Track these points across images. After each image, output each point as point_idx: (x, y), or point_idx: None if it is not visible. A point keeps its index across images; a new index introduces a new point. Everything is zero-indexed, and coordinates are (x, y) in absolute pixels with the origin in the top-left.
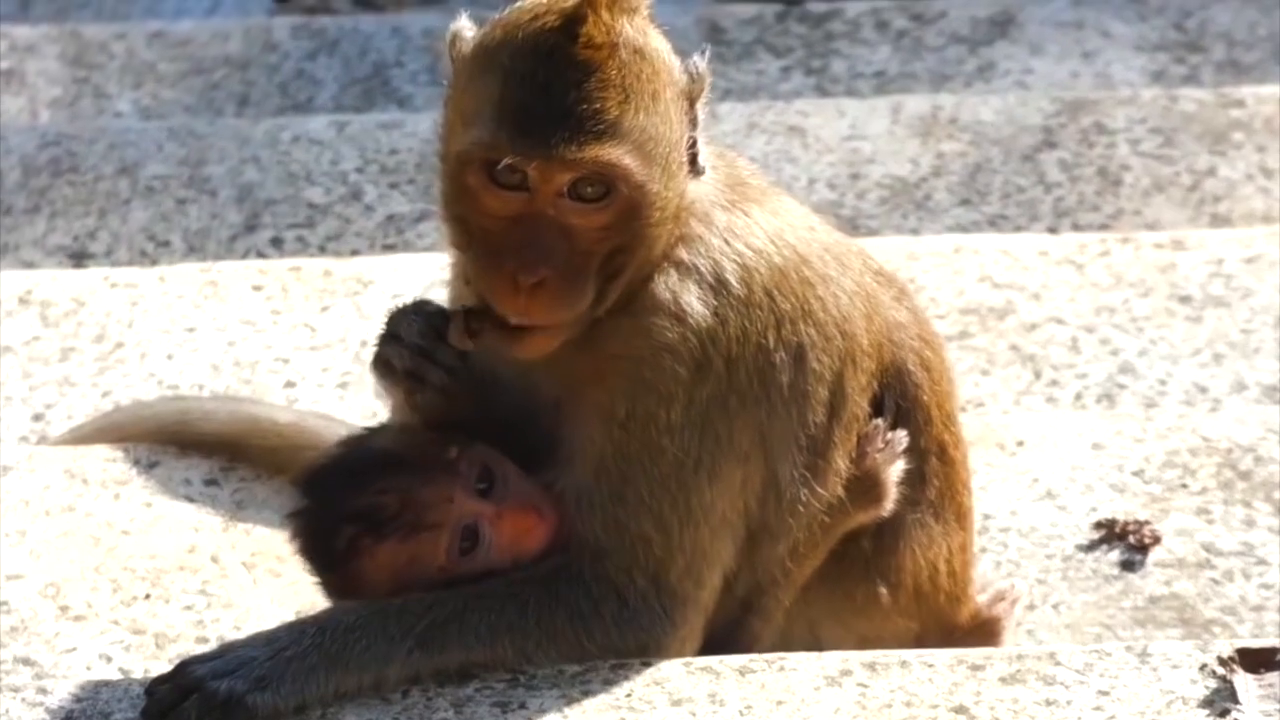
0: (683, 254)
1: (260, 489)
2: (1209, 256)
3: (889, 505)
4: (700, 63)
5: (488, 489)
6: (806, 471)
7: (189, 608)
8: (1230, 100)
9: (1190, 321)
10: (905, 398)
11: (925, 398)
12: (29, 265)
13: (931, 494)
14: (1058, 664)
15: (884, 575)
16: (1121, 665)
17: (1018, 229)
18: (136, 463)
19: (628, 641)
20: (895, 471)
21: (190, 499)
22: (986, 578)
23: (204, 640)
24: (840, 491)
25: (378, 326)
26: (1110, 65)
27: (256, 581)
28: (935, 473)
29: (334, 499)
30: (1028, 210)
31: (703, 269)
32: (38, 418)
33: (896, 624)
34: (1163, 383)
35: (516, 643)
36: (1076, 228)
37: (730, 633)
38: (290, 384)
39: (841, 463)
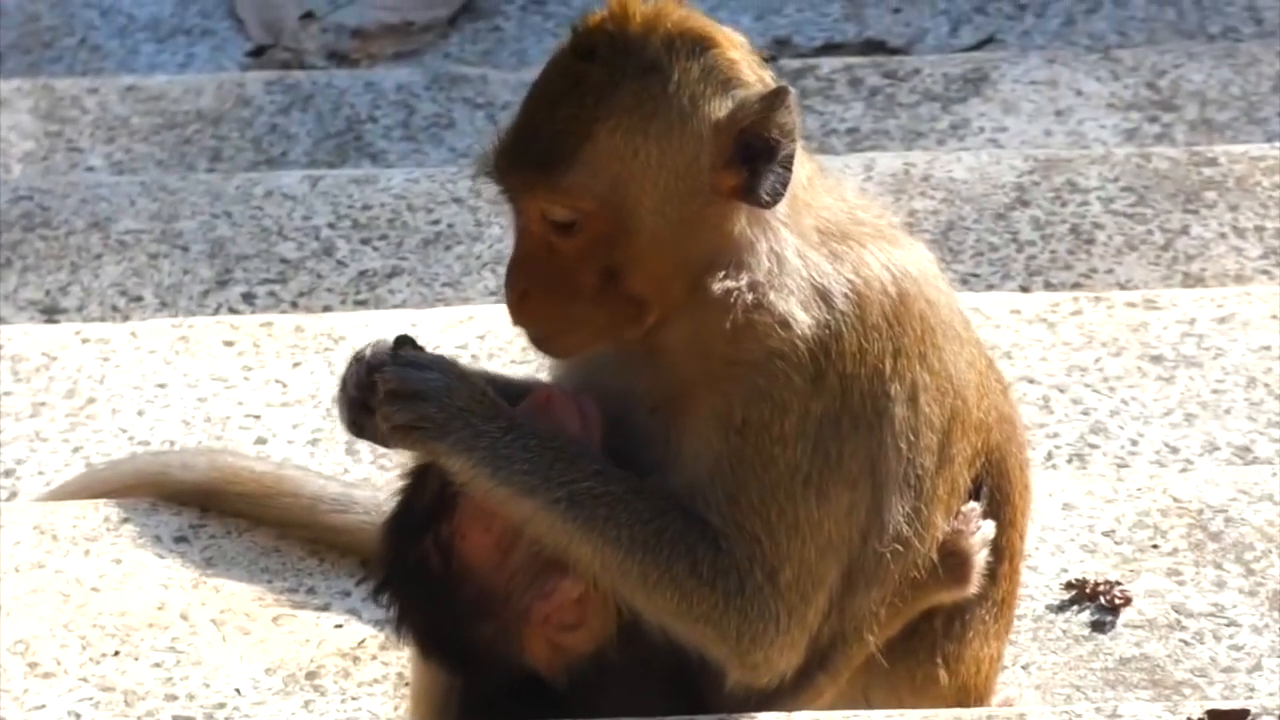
0: (766, 273)
1: (230, 546)
2: (1181, 316)
3: (972, 589)
4: (751, 96)
5: None
6: (911, 513)
7: (158, 665)
8: (1203, 159)
9: (1162, 381)
10: (999, 491)
11: (1015, 500)
12: (0, 320)
13: (998, 595)
14: None
15: (946, 661)
16: None
17: (990, 287)
18: (106, 519)
19: (730, 622)
20: (982, 558)
21: (160, 555)
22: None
23: (173, 698)
24: (934, 554)
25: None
26: (1083, 123)
27: (226, 639)
28: (1005, 576)
29: (401, 532)
30: (1000, 268)
31: (798, 285)
32: (8, 474)
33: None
34: (1134, 443)
35: (645, 565)
36: (1049, 286)
37: (796, 682)
38: (261, 440)
39: (941, 521)
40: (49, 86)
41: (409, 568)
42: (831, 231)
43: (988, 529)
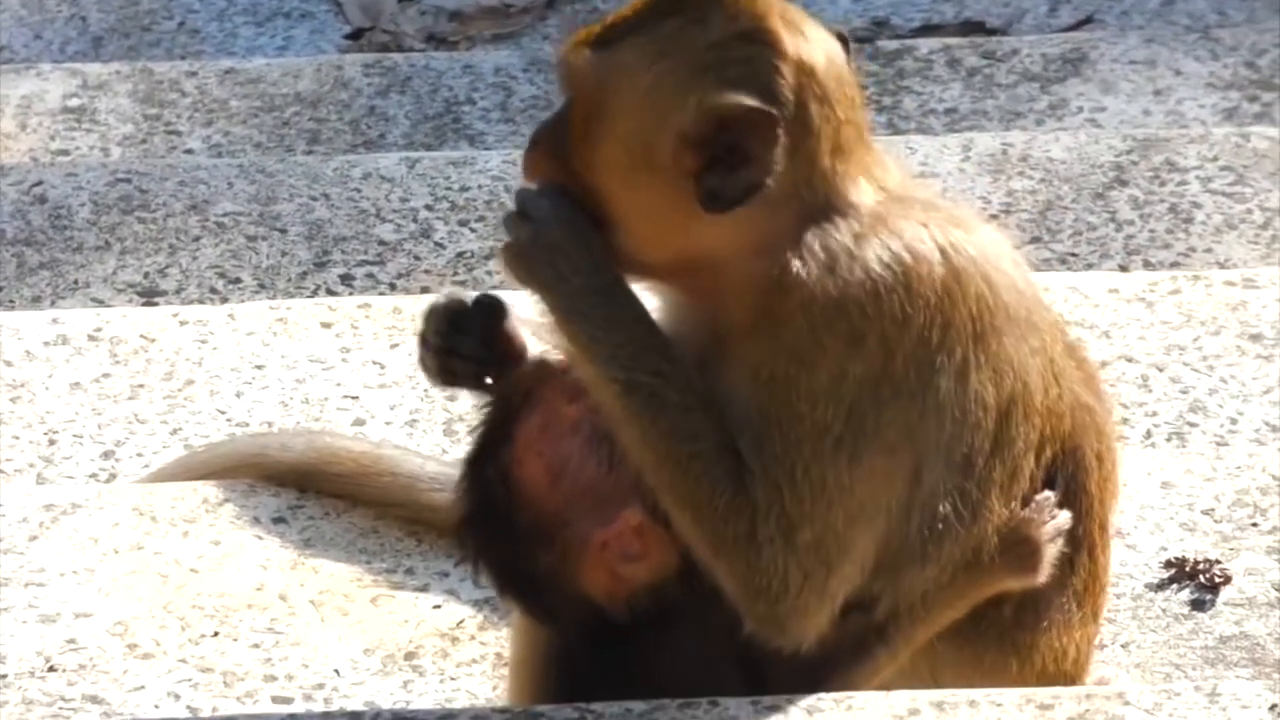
0: (791, 239)
1: (328, 527)
2: None
3: (1042, 577)
4: (744, 102)
5: None
6: (955, 493)
7: (256, 645)
8: None
9: (1261, 360)
10: (1074, 481)
11: (1092, 490)
12: (99, 302)
13: (1078, 584)
14: (1127, 703)
15: (1017, 649)
16: (1191, 705)
17: (1089, 267)
18: (205, 500)
19: (738, 566)
20: (1053, 548)
21: (258, 537)
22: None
23: (272, 679)
24: (993, 538)
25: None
26: (1182, 103)
27: (324, 619)
28: (1083, 565)
29: (471, 465)
30: (1099, 248)
31: (827, 249)
32: (107, 455)
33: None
34: (1233, 421)
35: (674, 478)
36: (1147, 265)
37: (854, 653)
38: (359, 421)
39: (998, 505)
40: (148, 70)
41: (477, 499)
42: (879, 209)
43: (1061, 519)
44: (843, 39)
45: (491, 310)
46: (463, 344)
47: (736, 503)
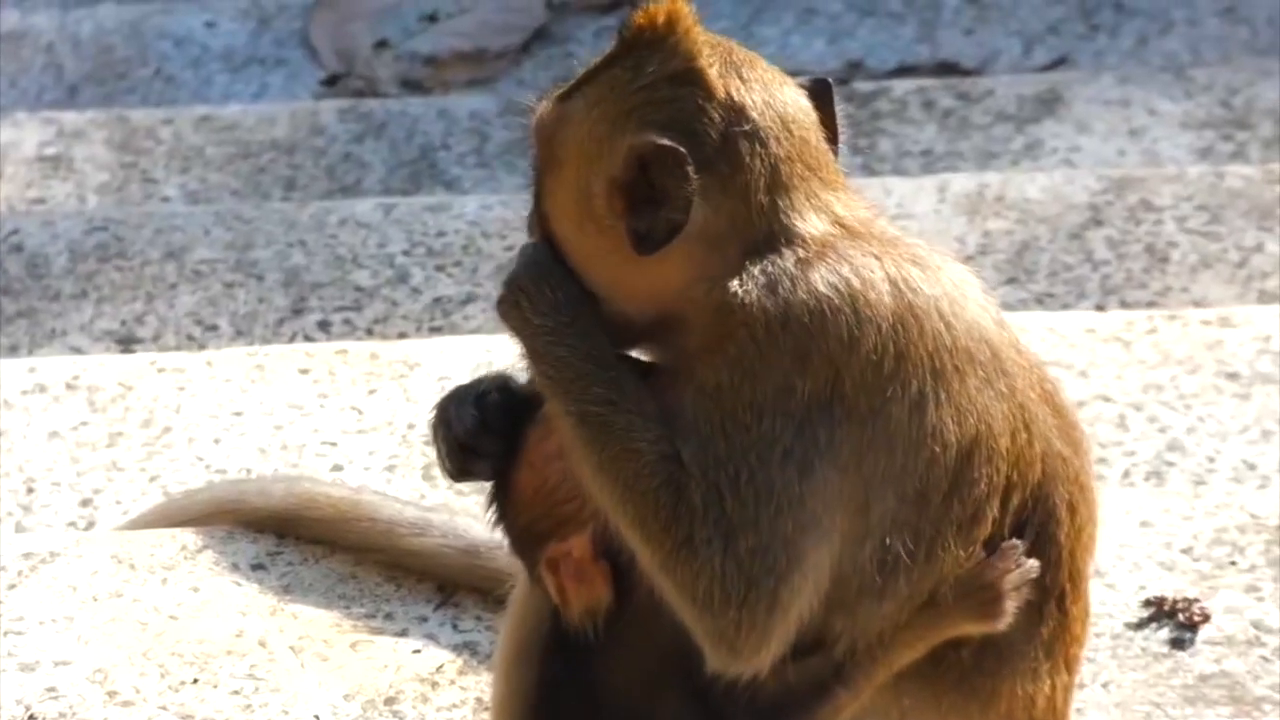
0: (730, 266)
1: (307, 572)
2: (1256, 333)
3: (1002, 623)
4: (654, 141)
5: None
6: (907, 528)
7: (237, 692)
8: (1277, 176)
9: (1238, 398)
10: (1044, 530)
11: (1062, 539)
12: (76, 350)
13: (1045, 633)
14: None
15: (977, 693)
16: None
17: (1065, 307)
18: (183, 547)
19: (682, 578)
20: (1018, 594)
21: (238, 583)
22: None
23: None
24: (950, 579)
25: (429, 411)
26: (1157, 143)
27: (304, 665)
28: (1052, 615)
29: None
30: (1075, 288)
31: (769, 273)
32: (85, 503)
33: None
34: (1211, 460)
35: (626, 498)
36: (1124, 305)
37: (814, 694)
38: (337, 467)
39: (954, 546)
40: (124, 118)
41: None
42: (827, 239)
43: (1028, 567)
44: (824, 84)
45: (502, 415)
46: (476, 467)
47: (677, 511)
